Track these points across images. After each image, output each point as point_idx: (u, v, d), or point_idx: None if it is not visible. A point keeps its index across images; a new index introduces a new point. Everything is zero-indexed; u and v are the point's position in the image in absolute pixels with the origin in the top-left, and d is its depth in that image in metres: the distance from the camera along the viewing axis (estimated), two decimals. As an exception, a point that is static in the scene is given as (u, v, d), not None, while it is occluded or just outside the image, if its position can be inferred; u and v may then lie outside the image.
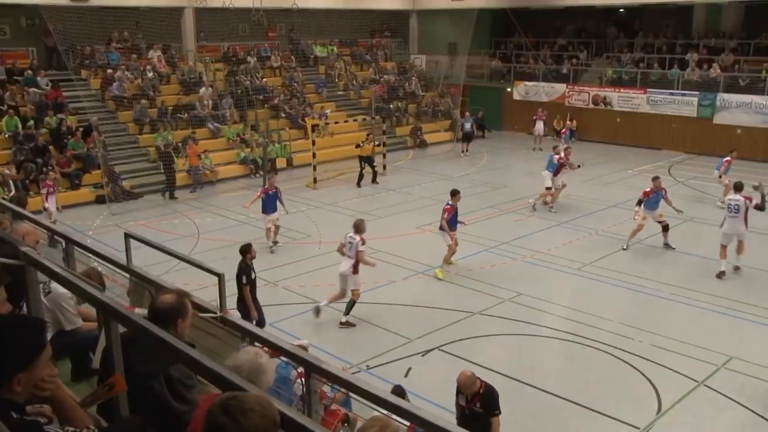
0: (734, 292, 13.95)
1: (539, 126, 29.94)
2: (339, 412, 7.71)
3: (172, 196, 22.42)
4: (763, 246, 16.86)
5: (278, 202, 17.02)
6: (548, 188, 19.97)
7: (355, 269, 12.58)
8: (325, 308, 12.80)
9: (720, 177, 20.38)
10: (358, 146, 23.85)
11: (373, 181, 23.74)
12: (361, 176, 23.53)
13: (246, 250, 11.44)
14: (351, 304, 12.65)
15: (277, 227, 17.02)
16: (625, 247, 16.70)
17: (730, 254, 15.04)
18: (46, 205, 17.06)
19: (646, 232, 17.46)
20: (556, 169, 19.91)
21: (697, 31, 31.76)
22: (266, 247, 16.49)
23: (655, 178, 17.02)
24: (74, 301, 5.76)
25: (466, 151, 28.80)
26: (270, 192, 16.88)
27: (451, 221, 15.21)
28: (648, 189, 16.70)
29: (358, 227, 12.69)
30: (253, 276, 11.39)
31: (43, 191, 17.12)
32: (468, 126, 29.34)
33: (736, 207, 14.78)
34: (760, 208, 14.87)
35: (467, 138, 29.13)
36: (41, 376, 2.74)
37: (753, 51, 29.16)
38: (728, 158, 20.48)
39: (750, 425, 9.55)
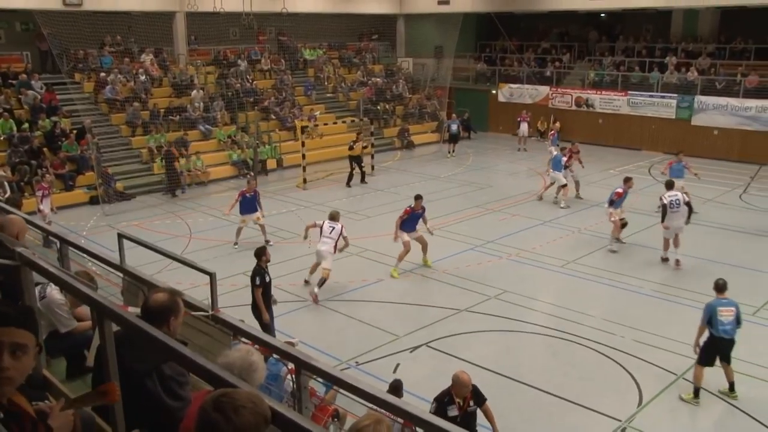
0: (711, 289, 14.00)
1: (524, 127, 29.87)
2: (329, 408, 7.70)
3: (174, 194, 22.70)
4: (738, 245, 16.99)
5: (257, 204, 17.02)
6: (564, 185, 20.23)
7: (334, 250, 13.87)
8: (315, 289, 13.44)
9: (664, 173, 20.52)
10: (350, 148, 23.80)
11: (362, 181, 23.73)
12: (351, 176, 23.52)
13: (261, 253, 11.21)
14: (322, 281, 13.63)
15: (263, 226, 16.99)
16: (615, 250, 16.52)
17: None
18: (41, 207, 16.94)
19: (627, 229, 17.56)
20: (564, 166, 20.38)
21: (675, 36, 31.94)
22: (231, 245, 16.74)
23: (627, 179, 17.16)
24: (67, 306, 5.72)
25: (453, 151, 28.84)
26: (248, 195, 16.86)
27: (405, 223, 15.22)
28: (620, 189, 16.81)
29: (335, 216, 14.29)
30: (267, 279, 11.20)
31: (39, 194, 16.97)
32: (454, 127, 29.33)
33: (677, 202, 15.25)
34: (689, 205, 15.55)
35: (453, 139, 29.12)
36: (29, 368, 2.68)
37: (728, 55, 29.42)
38: (671, 161, 20.46)
39: (727, 416, 9.66)
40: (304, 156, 23.80)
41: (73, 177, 21.82)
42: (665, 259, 15.66)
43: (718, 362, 9.95)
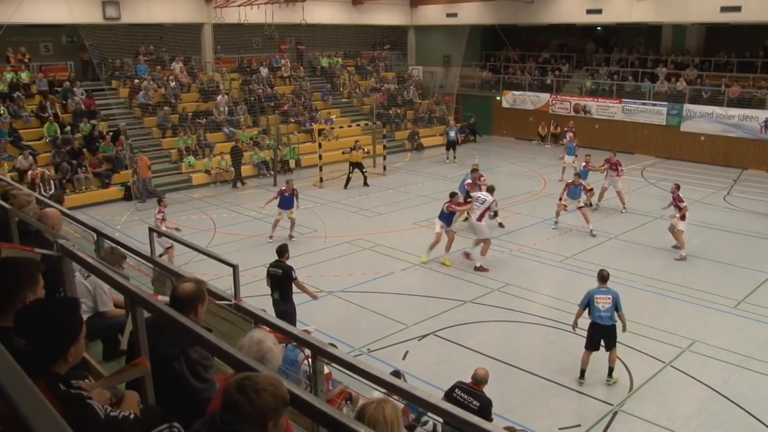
0: (698, 283, 13.99)
1: (569, 137, 25.67)
2: (342, 391, 7.71)
3: (242, 183, 23.80)
4: (722, 243, 16.90)
5: (293, 201, 17.02)
6: (591, 189, 19.34)
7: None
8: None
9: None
10: (343, 152, 23.95)
11: (365, 184, 23.41)
12: (348, 179, 23.18)
13: (285, 250, 10.91)
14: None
15: (293, 221, 16.99)
16: (594, 234, 17.10)
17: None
18: (162, 227, 15.05)
19: (621, 228, 17.51)
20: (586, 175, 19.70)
21: (665, 49, 31.83)
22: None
23: (576, 175, 18.09)
24: (108, 288, 5.80)
25: (454, 158, 28.11)
26: (286, 194, 16.87)
27: (443, 216, 15.25)
28: (569, 181, 17.76)
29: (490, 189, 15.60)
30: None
31: (158, 216, 15.53)
32: (452, 134, 28.23)
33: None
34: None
35: (451, 145, 28.04)
36: (84, 349, 2.80)
37: (713, 67, 29.33)
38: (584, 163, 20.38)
39: (709, 400, 9.62)
40: (320, 157, 23.85)
41: (109, 175, 21.97)
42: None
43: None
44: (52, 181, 18.57)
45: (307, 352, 4.58)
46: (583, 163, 20.19)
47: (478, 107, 34.31)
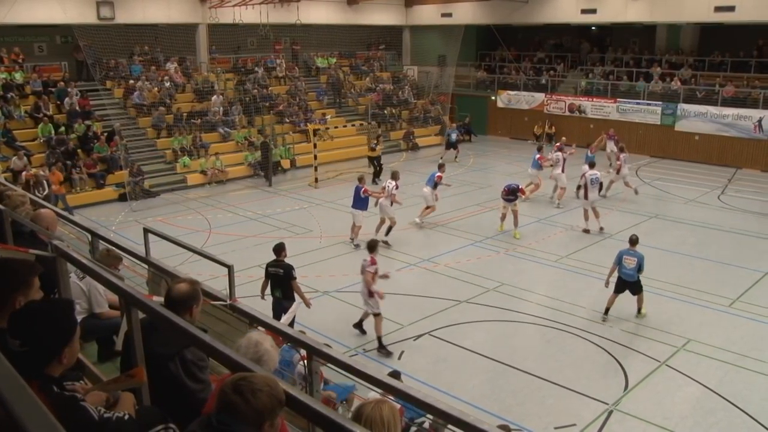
0: (693, 282, 14.02)
1: (610, 145, 23.99)
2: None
3: (275, 173, 24.51)
4: (716, 242, 16.95)
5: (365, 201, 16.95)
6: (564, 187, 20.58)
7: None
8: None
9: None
10: (372, 149, 24.30)
11: (377, 178, 23.75)
12: (376, 173, 23.95)
13: (282, 248, 10.83)
14: (390, 229, 16.06)
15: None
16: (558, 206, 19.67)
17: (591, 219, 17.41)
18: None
19: (615, 227, 17.54)
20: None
21: (660, 48, 31.91)
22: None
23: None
24: (103, 289, 5.79)
25: (455, 158, 28.22)
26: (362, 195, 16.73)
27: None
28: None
29: (395, 175, 16.78)
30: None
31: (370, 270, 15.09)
32: (454, 136, 28.39)
33: (596, 179, 17.55)
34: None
35: (453, 146, 28.11)
36: (78, 351, 2.79)
37: (707, 67, 29.43)
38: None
39: (704, 399, 9.65)
40: (315, 157, 23.83)
41: (104, 176, 21.89)
42: (586, 231, 17.30)
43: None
44: (45, 182, 18.49)
45: (303, 352, 4.57)
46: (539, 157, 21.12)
47: (473, 107, 34.34)
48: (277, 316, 9.55)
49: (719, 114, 26.76)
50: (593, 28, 34.38)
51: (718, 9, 25.43)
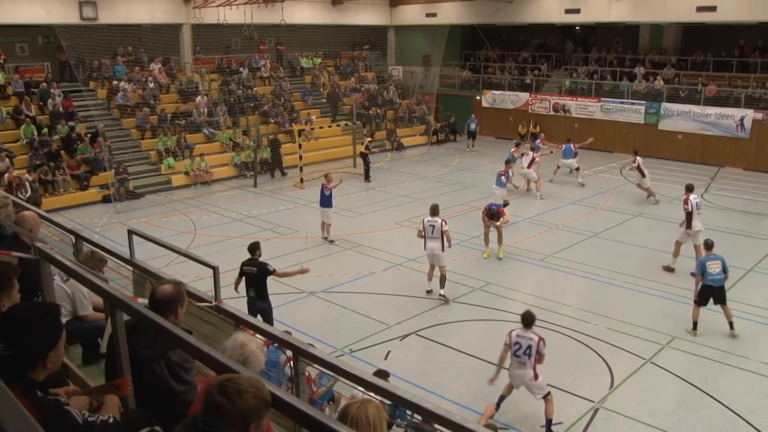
0: (677, 280, 14.12)
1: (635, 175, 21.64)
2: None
3: (283, 174, 25.06)
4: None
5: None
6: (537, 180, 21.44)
7: (443, 248, 13.05)
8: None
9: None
10: (367, 148, 24.37)
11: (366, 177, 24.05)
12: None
13: (256, 247, 10.88)
14: (443, 279, 13.03)
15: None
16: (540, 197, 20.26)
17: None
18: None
19: (602, 225, 17.62)
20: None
21: (643, 48, 32.16)
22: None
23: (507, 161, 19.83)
24: (87, 291, 5.75)
25: (472, 146, 29.84)
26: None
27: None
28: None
29: (435, 210, 13.32)
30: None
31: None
32: (473, 126, 30.37)
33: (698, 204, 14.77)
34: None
35: (472, 135, 30.29)
36: (63, 355, 2.77)
37: (690, 66, 29.68)
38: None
39: (689, 396, 9.73)
40: (301, 157, 23.80)
41: (88, 177, 21.73)
42: (670, 269, 14.83)
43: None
44: (28, 183, 18.34)
45: (289, 353, 4.56)
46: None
47: (458, 107, 34.38)
48: (252, 315, 9.52)
49: (702, 113, 27.02)
50: (577, 27, 34.59)
51: (700, 9, 25.73)
